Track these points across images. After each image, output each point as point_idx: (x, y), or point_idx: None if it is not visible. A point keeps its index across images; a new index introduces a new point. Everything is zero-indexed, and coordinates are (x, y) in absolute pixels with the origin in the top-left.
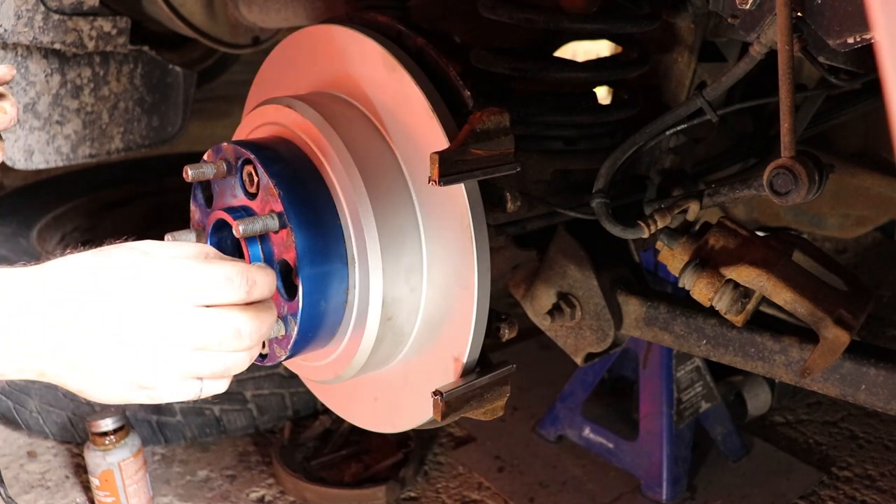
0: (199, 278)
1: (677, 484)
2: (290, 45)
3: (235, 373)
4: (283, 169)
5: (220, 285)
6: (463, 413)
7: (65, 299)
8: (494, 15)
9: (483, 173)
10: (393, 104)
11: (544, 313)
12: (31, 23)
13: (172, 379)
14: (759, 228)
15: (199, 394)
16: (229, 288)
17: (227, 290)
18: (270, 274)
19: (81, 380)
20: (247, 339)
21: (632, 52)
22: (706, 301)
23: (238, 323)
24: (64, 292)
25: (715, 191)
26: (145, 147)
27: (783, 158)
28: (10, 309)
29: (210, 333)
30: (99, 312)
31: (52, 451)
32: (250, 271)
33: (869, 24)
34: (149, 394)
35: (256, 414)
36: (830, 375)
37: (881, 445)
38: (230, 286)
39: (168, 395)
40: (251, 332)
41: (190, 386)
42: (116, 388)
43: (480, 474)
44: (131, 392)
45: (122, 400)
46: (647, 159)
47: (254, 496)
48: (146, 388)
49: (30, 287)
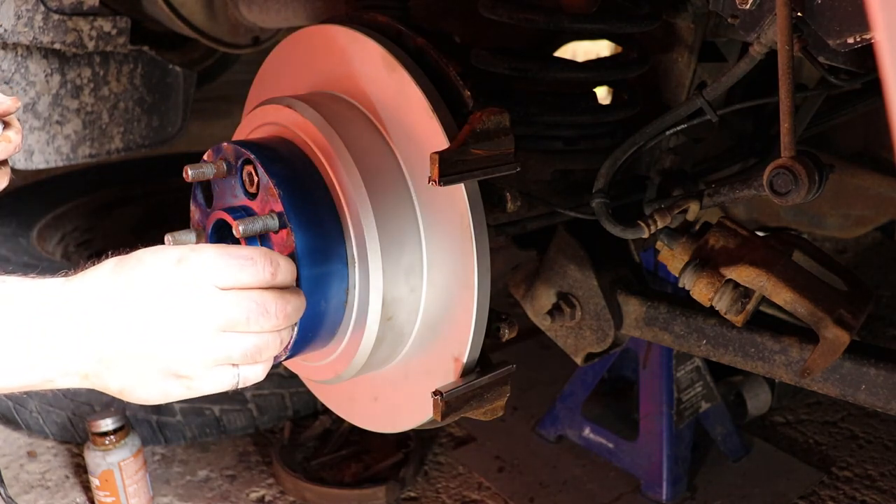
0: (219, 259)
1: (677, 484)
2: (290, 45)
3: (268, 356)
4: (284, 169)
5: (242, 264)
6: (463, 413)
7: (98, 307)
8: (494, 15)
9: (483, 173)
10: (393, 104)
11: (544, 313)
12: (31, 23)
13: (206, 364)
14: (759, 228)
15: (237, 381)
16: (253, 268)
17: (250, 270)
18: (292, 262)
19: (120, 380)
20: (274, 316)
21: (632, 52)
22: (706, 301)
23: (263, 299)
24: (97, 301)
25: (715, 191)
26: (145, 147)
27: (783, 158)
28: (51, 317)
29: (236, 311)
30: (129, 312)
31: (52, 451)
32: (273, 254)
33: (869, 24)
34: (186, 384)
35: (256, 414)
36: (830, 375)
37: (881, 445)
38: (253, 266)
39: (205, 384)
40: (277, 309)
41: (225, 373)
42: (153, 383)
43: (480, 474)
44: (168, 384)
45: (162, 394)
46: (647, 159)
47: (254, 496)
48: (182, 377)
49: (66, 297)
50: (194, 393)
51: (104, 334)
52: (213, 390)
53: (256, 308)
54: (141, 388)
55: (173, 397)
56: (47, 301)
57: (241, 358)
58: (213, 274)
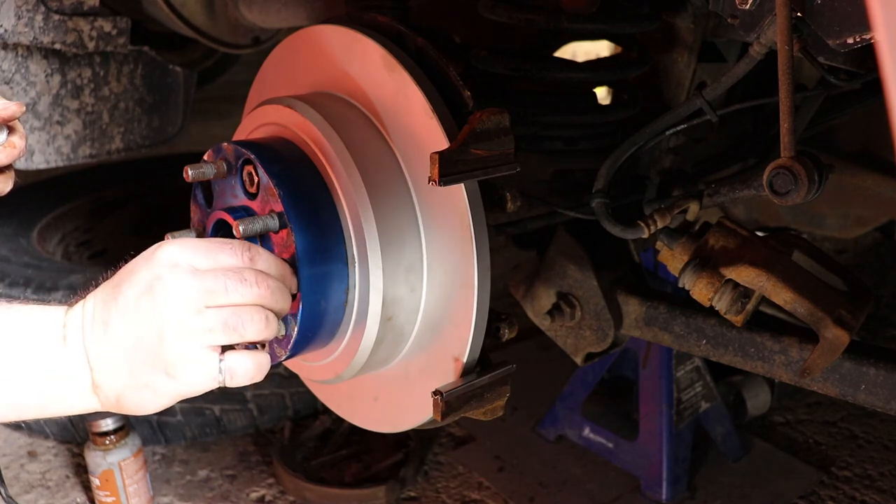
0: (195, 246)
1: (677, 483)
2: (290, 45)
3: (252, 331)
4: (284, 169)
5: (219, 247)
6: (463, 413)
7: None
8: (494, 15)
9: (483, 173)
10: (393, 104)
11: (544, 313)
12: (32, 23)
13: (189, 347)
14: (759, 228)
15: (221, 371)
16: (230, 251)
17: (227, 251)
18: (276, 257)
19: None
20: (253, 284)
21: (632, 53)
22: (706, 301)
23: (240, 270)
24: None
25: (715, 191)
26: (145, 147)
27: (783, 158)
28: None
29: (212, 281)
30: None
31: (53, 450)
32: (252, 245)
33: (869, 24)
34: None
35: (257, 414)
36: (830, 375)
37: (881, 445)
38: (230, 250)
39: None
40: (256, 279)
41: (209, 358)
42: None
43: (480, 474)
44: (156, 378)
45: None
46: (647, 159)
47: (254, 496)
48: (168, 364)
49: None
50: (182, 386)
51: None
52: (199, 381)
53: (234, 276)
54: (132, 391)
55: (164, 395)
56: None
57: (222, 329)
58: (189, 256)
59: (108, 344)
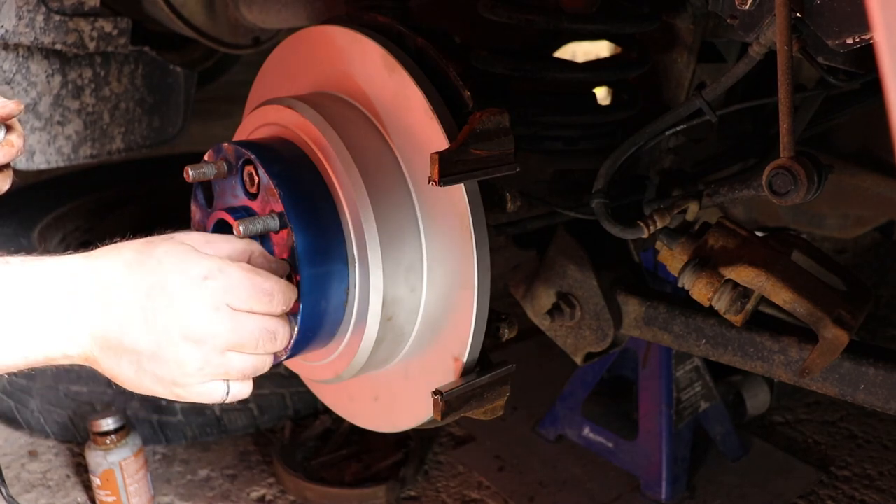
0: (243, 289)
1: (677, 483)
2: (290, 45)
3: (259, 373)
4: (284, 169)
5: (262, 298)
6: (463, 413)
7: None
8: (494, 15)
9: (483, 173)
10: (393, 104)
11: (544, 313)
12: (33, 23)
13: (203, 378)
14: (758, 228)
15: (225, 397)
16: (270, 303)
17: (266, 303)
18: (292, 288)
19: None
20: (279, 342)
21: (631, 53)
22: (705, 301)
23: (273, 326)
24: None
25: (714, 191)
26: (146, 147)
27: (782, 158)
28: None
29: (248, 336)
30: (141, 308)
31: (54, 450)
32: (288, 292)
33: (868, 24)
34: (177, 392)
35: (257, 413)
36: (829, 375)
37: (880, 445)
38: (270, 301)
39: (195, 395)
40: (284, 336)
41: (217, 388)
42: (144, 382)
43: (480, 474)
44: (160, 387)
45: (148, 392)
46: (647, 159)
47: (254, 495)
48: (177, 384)
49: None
50: (181, 398)
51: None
52: (201, 401)
53: (267, 335)
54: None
55: (161, 394)
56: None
57: (238, 376)
58: (233, 297)
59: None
